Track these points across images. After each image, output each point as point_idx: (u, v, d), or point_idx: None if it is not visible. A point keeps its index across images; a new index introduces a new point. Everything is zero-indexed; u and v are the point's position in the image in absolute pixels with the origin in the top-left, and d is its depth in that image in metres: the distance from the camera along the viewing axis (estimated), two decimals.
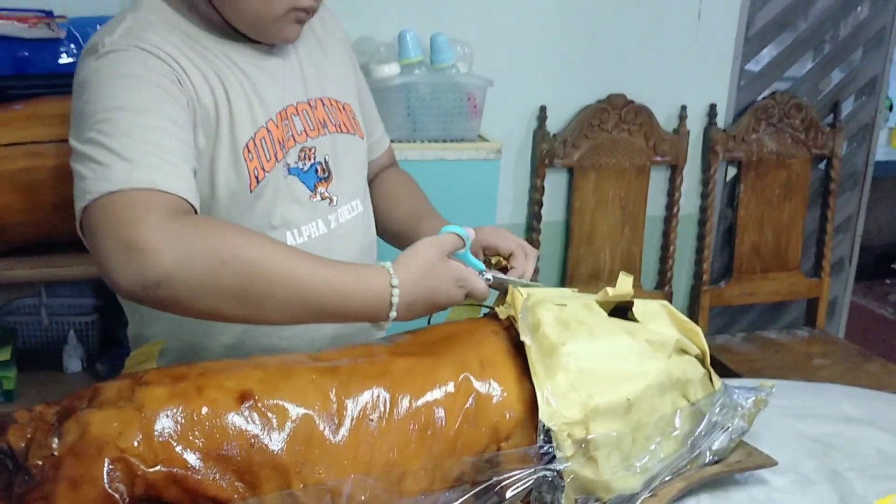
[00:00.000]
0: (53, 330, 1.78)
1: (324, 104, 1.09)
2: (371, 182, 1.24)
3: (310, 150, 1.05)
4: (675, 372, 0.98)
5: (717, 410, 1.02)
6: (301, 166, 1.04)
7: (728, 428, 1.02)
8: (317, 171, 1.06)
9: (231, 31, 1.02)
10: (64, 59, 1.61)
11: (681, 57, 2.17)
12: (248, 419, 0.82)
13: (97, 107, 0.89)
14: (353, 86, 1.17)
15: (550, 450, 0.89)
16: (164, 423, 0.79)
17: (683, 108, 2.20)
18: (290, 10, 0.99)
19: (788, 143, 2.30)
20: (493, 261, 1.08)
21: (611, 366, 0.94)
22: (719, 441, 1.01)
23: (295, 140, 1.04)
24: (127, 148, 0.85)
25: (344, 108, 1.12)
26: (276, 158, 1.01)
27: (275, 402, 0.84)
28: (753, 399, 1.05)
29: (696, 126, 2.24)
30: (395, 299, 0.89)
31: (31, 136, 1.50)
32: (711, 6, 2.14)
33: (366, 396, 0.87)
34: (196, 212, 0.89)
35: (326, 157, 1.07)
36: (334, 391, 0.86)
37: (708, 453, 1.00)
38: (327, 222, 1.07)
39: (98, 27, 1.64)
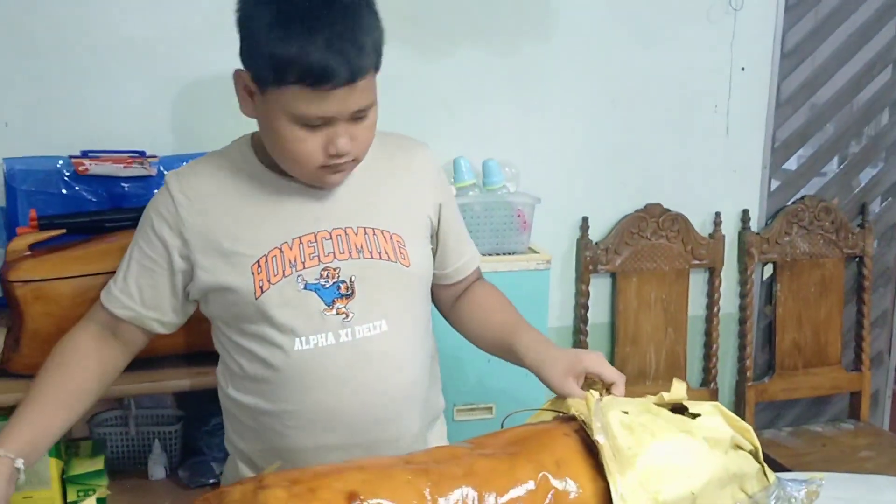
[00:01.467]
0: (139, 440, 1.90)
1: (366, 232, 1.23)
2: (461, 296, 1.39)
3: (334, 269, 1.20)
4: (732, 467, 1.08)
5: (773, 502, 1.10)
6: (322, 283, 1.19)
7: None
8: (339, 288, 1.20)
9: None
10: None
11: (712, 168, 2.31)
12: None
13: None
14: (416, 220, 1.29)
15: None
16: None
17: (717, 214, 2.34)
18: (319, 167, 1.16)
19: (820, 244, 2.41)
20: (597, 387, 1.19)
21: (674, 462, 1.03)
22: None
23: (320, 260, 1.19)
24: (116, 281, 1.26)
25: (391, 238, 1.24)
26: (284, 274, 1.18)
27: (377, 501, 0.94)
28: (805, 491, 1.13)
29: (730, 230, 2.37)
30: None
31: None
32: (738, 122, 2.30)
33: (456, 494, 0.97)
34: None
35: (353, 278, 1.20)
36: (428, 490, 0.97)
37: None
38: (337, 335, 1.19)
39: (184, 163, 1.84)
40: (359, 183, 1.25)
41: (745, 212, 2.36)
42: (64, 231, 1.70)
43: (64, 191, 1.74)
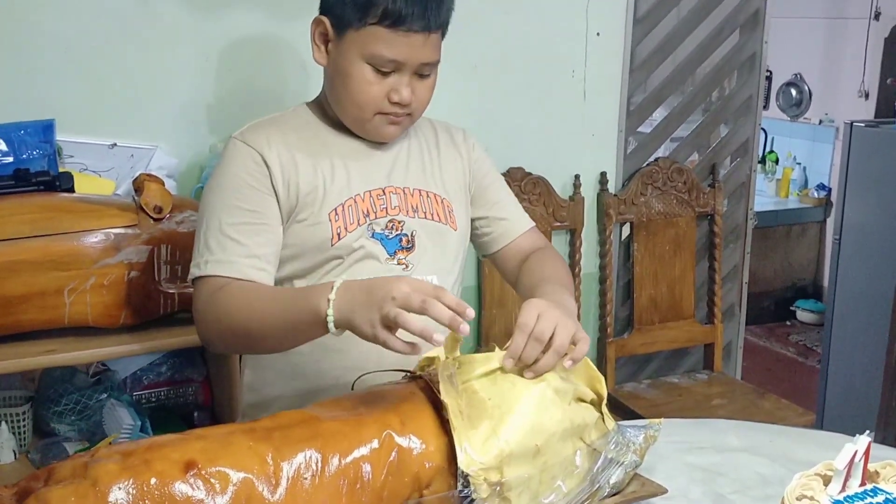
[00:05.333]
0: None
1: (421, 193, 1.35)
2: (521, 266, 1.39)
3: (399, 222, 1.32)
4: (575, 419, 1.11)
5: (612, 448, 1.14)
6: (386, 234, 1.31)
7: (622, 463, 1.14)
8: (401, 241, 1.31)
9: (347, 129, 1.33)
10: None
11: (571, 132, 2.36)
12: (194, 486, 0.91)
13: (209, 197, 1.26)
14: (460, 189, 1.41)
15: (468, 493, 1.00)
16: (118, 495, 0.88)
17: (577, 176, 2.40)
18: (376, 113, 1.27)
19: (674, 204, 2.51)
20: None
21: (526, 416, 1.06)
22: (616, 475, 1.13)
23: (387, 212, 1.31)
24: (213, 240, 1.22)
25: (442, 202, 1.36)
26: (358, 223, 1.28)
27: (217, 469, 0.93)
28: (643, 436, 1.19)
29: (589, 193, 2.43)
30: (331, 304, 1.06)
31: None
32: (594, 87, 2.35)
33: (299, 458, 0.97)
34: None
35: (413, 233, 1.32)
36: (270, 455, 0.96)
37: (606, 486, 1.12)
38: None
39: (21, 132, 1.74)
40: (415, 148, 1.38)
41: (603, 174, 2.43)
42: None
43: None
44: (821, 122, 4.64)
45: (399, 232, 1.31)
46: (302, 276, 1.30)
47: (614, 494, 1.14)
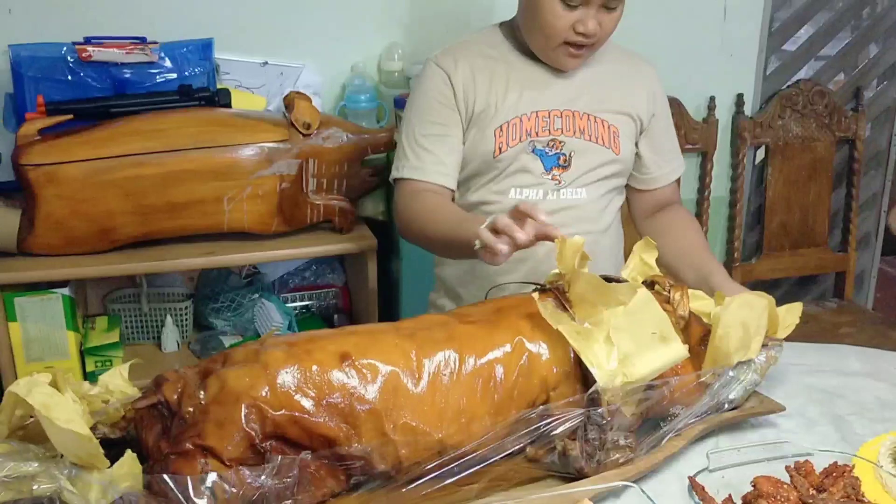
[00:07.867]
0: (152, 315, 2.01)
1: (589, 118, 1.46)
2: (658, 213, 1.57)
3: (559, 142, 1.44)
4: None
5: (734, 365, 1.19)
6: (546, 151, 1.44)
7: (743, 380, 1.19)
8: (559, 159, 1.44)
9: (533, 55, 1.45)
10: (158, 80, 1.84)
11: (708, 52, 2.32)
12: (348, 374, 1.02)
13: (408, 112, 1.47)
14: (631, 119, 1.50)
15: (595, 395, 1.08)
16: (285, 378, 1.00)
17: (712, 98, 2.36)
18: (562, 43, 1.37)
19: (813, 128, 2.44)
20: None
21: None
22: (735, 391, 1.18)
23: (550, 132, 1.43)
24: (409, 149, 1.44)
25: (609, 127, 1.47)
26: (520, 139, 1.42)
27: (368, 361, 1.04)
28: (765, 355, 1.22)
29: (724, 115, 2.40)
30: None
31: (133, 148, 1.72)
32: (735, 4, 2.29)
33: (439, 356, 1.06)
34: (451, 188, 1.44)
35: (572, 153, 1.44)
36: (414, 353, 1.06)
37: (725, 402, 1.18)
38: (546, 193, 1.45)
39: (184, 50, 1.88)
40: (590, 75, 1.47)
41: (740, 96, 2.38)
42: (71, 116, 1.76)
43: (69, 77, 1.79)
44: None
45: (559, 150, 1.44)
46: (466, 181, 1.47)
47: (733, 409, 1.19)
